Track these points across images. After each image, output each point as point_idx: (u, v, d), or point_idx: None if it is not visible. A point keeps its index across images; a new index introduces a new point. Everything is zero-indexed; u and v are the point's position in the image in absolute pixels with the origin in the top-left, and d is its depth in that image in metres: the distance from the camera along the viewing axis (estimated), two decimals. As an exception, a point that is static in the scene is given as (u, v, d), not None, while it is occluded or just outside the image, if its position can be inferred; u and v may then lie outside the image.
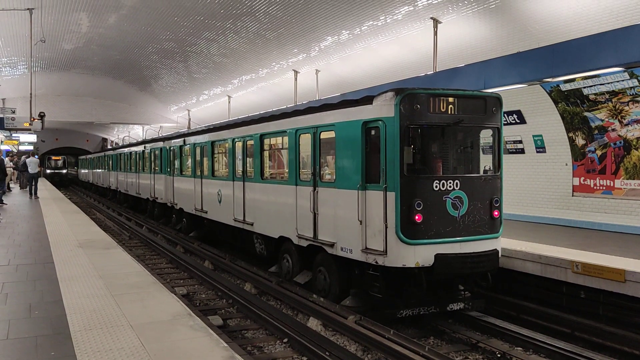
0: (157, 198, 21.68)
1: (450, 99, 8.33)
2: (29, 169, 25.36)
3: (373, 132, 8.43)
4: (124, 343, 5.18)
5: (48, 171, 56.24)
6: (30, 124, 23.13)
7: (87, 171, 49.56)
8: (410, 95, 8.03)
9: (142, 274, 8.56)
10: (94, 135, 68.46)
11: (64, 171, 58.92)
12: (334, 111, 9.35)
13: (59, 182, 53.28)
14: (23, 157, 30.38)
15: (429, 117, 8.22)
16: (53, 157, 59.16)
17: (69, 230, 13.70)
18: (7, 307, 6.71)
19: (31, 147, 43.98)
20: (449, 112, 8.33)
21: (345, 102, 9.23)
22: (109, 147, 58.91)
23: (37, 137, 39.45)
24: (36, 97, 24.20)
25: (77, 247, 11.09)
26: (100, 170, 39.27)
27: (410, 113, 8.00)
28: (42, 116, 22.30)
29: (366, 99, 8.60)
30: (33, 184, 25.33)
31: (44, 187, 34.63)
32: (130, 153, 27.32)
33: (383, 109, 8.14)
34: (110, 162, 33.77)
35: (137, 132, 54.30)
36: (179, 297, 7.61)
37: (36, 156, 28.41)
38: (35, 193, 25.25)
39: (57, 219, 16.29)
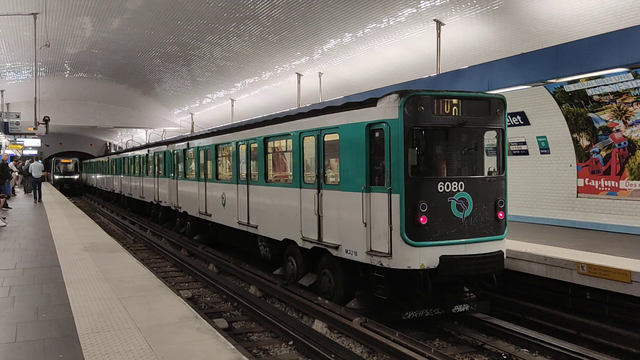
0: (161, 202, 21.73)
1: (454, 101, 8.35)
2: (33, 174, 25.48)
3: (377, 134, 8.44)
4: (132, 345, 5.20)
5: (56, 177, 47.46)
6: (34, 129, 23.20)
7: (90, 175, 48.92)
8: (414, 97, 8.04)
9: (148, 277, 8.59)
10: (98, 139, 68.63)
11: (76, 177, 48.68)
12: (337, 113, 9.37)
13: (70, 190, 45.48)
14: (27, 162, 30.51)
15: (433, 119, 8.23)
16: (62, 160, 49.40)
17: (74, 234, 13.75)
18: (14, 310, 6.74)
19: (35, 152, 44.12)
20: (453, 114, 8.35)
21: (349, 105, 9.25)
22: (112, 151, 58.61)
23: (41, 141, 39.57)
24: (40, 102, 24.30)
25: (82, 250, 11.13)
26: (103, 174, 39.32)
27: (415, 115, 8.02)
28: (46, 120, 22.37)
29: (370, 101, 8.62)
30: (37, 188, 25.46)
31: (49, 192, 34.73)
32: (134, 157, 27.39)
33: (387, 111, 8.16)
34: (114, 166, 33.86)
35: (141, 136, 54.40)
36: (185, 300, 7.63)
37: (39, 160, 28.57)
38: (40, 197, 25.35)
39: (62, 223, 16.34)
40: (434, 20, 15.37)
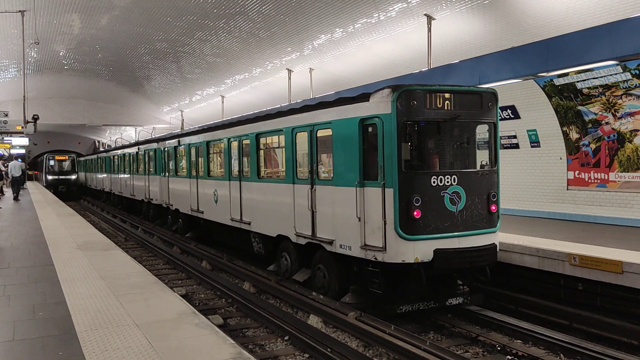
0: (152, 199, 21.65)
1: (447, 95, 8.39)
2: (13, 173, 25.51)
3: (370, 129, 8.47)
4: (131, 342, 5.21)
5: (49, 177, 40.23)
6: (23, 127, 23.03)
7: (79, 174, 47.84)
8: (407, 91, 8.08)
9: (144, 274, 8.58)
10: (86, 138, 68.12)
11: (73, 177, 41.08)
12: (330, 109, 9.39)
13: (67, 193, 38.73)
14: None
15: (425, 113, 8.27)
16: (56, 157, 41.82)
17: (66, 233, 13.68)
18: (10, 308, 6.72)
19: (23, 151, 43.73)
20: (446, 108, 8.39)
21: (341, 100, 9.27)
22: (101, 149, 57.94)
23: (30, 140, 39.21)
24: (27, 100, 24.11)
25: (75, 249, 11.08)
26: (93, 173, 38.99)
27: (407, 109, 8.06)
28: (35, 119, 22.20)
29: (363, 96, 8.64)
30: (17, 187, 25.61)
31: (38, 191, 34.43)
32: (124, 155, 27.26)
33: (380, 105, 8.19)
34: (104, 164, 33.63)
35: (130, 133, 54.06)
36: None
37: (19, 160, 28.65)
38: (17, 196, 25.51)
39: (54, 222, 16.24)
40: (425, 14, 15.42)
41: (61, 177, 40.13)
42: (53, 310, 6.50)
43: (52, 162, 41.07)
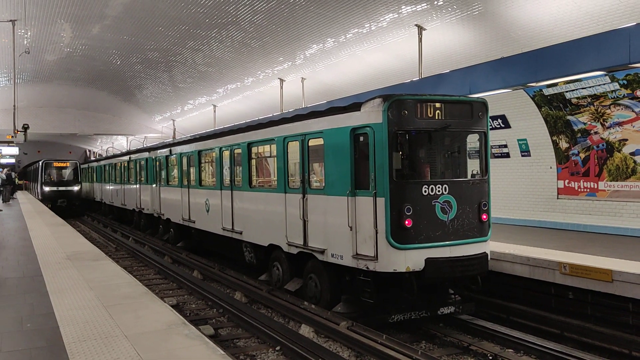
0: (143, 209, 21.56)
1: (437, 105, 8.44)
2: None
3: (361, 139, 8.50)
4: (120, 353, 5.16)
5: (46, 188, 33.20)
6: (13, 137, 22.87)
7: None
8: (398, 101, 8.12)
9: (134, 285, 8.52)
10: (77, 147, 67.80)
11: (76, 188, 33.97)
12: (322, 118, 9.41)
13: (68, 208, 32.52)
14: None
15: (416, 123, 8.32)
16: (55, 164, 34.65)
17: (55, 243, 13.56)
18: (-2, 320, 6.65)
19: (13, 160, 43.47)
20: (436, 118, 8.44)
21: (333, 109, 9.29)
22: (92, 158, 57.63)
23: (20, 149, 38.93)
24: (18, 109, 23.95)
25: (65, 259, 10.99)
26: (83, 182, 38.77)
27: (398, 119, 8.10)
28: (25, 128, 22.06)
29: (354, 106, 8.67)
30: None
31: (27, 201, 34.15)
32: (115, 164, 27.17)
33: (371, 115, 8.22)
34: (94, 173, 33.43)
35: (121, 143, 53.87)
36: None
37: (0, 169, 28.73)
38: None
39: (43, 232, 16.11)
40: (416, 25, 15.51)
41: (61, 188, 33.34)
42: (41, 321, 6.43)
43: (49, 171, 34.16)
